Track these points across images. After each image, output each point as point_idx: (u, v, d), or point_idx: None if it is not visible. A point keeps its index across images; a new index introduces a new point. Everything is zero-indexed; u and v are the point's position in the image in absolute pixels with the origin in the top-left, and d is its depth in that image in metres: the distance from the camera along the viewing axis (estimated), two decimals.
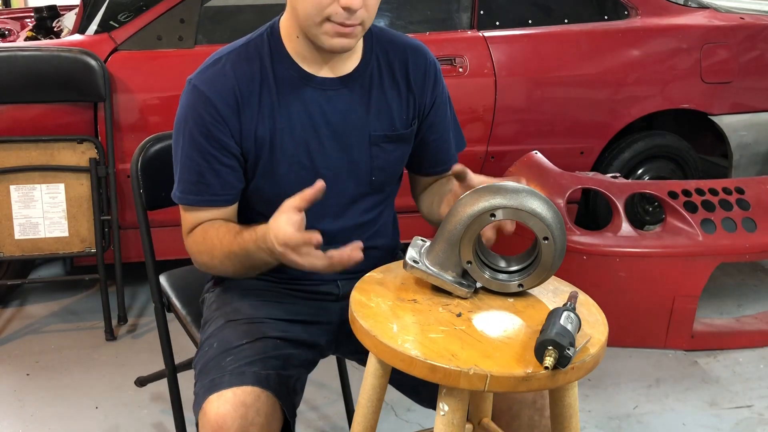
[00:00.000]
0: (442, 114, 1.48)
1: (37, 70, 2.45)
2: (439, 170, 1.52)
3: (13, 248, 2.54)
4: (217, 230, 1.34)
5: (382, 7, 2.95)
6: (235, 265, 1.32)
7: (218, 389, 1.21)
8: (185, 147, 1.33)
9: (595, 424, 2.17)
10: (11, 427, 2.12)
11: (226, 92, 1.31)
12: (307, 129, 1.35)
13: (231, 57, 1.35)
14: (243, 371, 1.24)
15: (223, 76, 1.32)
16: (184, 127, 1.33)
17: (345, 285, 1.46)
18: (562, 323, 1.03)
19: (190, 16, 2.59)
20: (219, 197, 1.35)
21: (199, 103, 1.31)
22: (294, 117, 1.35)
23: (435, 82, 1.44)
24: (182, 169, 1.35)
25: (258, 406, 1.20)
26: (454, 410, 1.06)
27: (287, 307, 1.43)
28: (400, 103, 1.41)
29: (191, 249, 1.39)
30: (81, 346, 2.54)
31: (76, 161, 2.54)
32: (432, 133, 1.47)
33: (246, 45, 1.36)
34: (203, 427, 1.19)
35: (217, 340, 1.34)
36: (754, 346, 2.58)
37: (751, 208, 2.57)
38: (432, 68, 1.44)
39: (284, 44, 1.35)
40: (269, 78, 1.34)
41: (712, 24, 3.06)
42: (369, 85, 1.38)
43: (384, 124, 1.40)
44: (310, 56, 1.34)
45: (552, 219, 1.14)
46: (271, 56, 1.35)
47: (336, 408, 2.19)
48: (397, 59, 1.41)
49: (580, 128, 2.95)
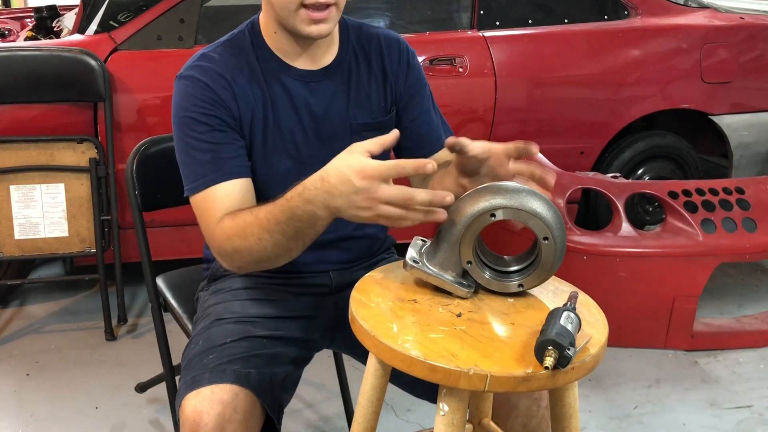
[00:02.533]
0: (419, 96, 1.48)
1: (37, 70, 2.45)
2: (426, 152, 1.47)
3: (13, 248, 2.54)
4: (247, 210, 1.23)
5: (382, 7, 2.99)
6: (276, 237, 1.17)
7: (197, 386, 1.22)
8: (191, 133, 1.30)
9: (595, 424, 2.17)
10: (11, 427, 2.12)
11: (221, 78, 1.32)
12: (292, 120, 1.37)
13: (217, 50, 1.36)
14: (223, 369, 1.24)
15: (214, 65, 1.33)
16: (185, 115, 1.31)
17: (337, 276, 1.47)
18: (562, 323, 1.02)
19: (190, 16, 2.59)
20: (238, 168, 1.31)
21: (197, 90, 1.30)
22: (280, 108, 1.36)
23: (409, 67, 1.46)
24: (192, 154, 1.30)
25: (236, 403, 1.20)
26: (454, 410, 1.06)
27: (280, 304, 1.43)
28: (378, 91, 1.43)
29: (219, 240, 1.25)
30: (81, 346, 2.54)
31: (76, 161, 2.53)
32: (410, 115, 1.47)
33: (230, 41, 1.38)
34: (182, 423, 1.20)
35: (203, 338, 1.35)
36: (755, 346, 2.58)
37: (751, 208, 2.57)
38: (405, 54, 1.46)
39: (265, 40, 1.37)
40: (256, 71, 1.35)
41: (712, 24, 3.06)
42: (348, 75, 1.41)
43: (364, 113, 1.42)
44: (290, 49, 1.36)
45: (552, 219, 1.14)
46: (254, 51, 1.36)
47: (335, 408, 2.19)
48: (372, 48, 1.43)
49: (580, 128, 2.95)
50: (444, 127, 1.53)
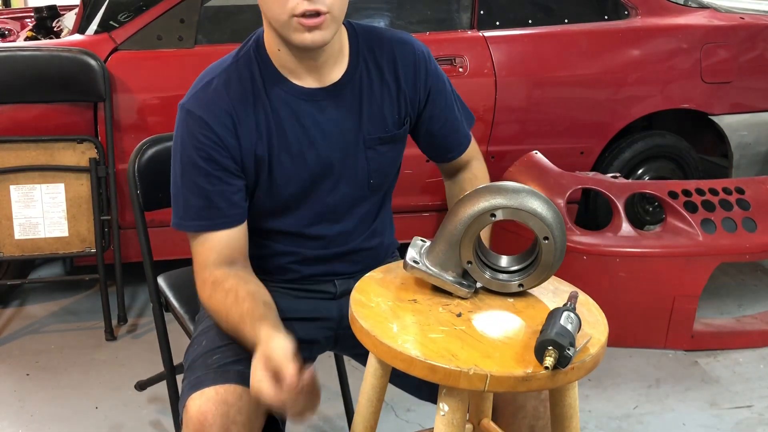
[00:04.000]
0: (441, 102, 1.45)
1: (37, 70, 2.45)
2: (455, 155, 1.50)
3: (13, 248, 2.54)
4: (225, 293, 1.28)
5: (382, 7, 2.99)
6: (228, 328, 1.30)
7: (201, 387, 1.22)
8: (188, 173, 1.30)
9: (595, 424, 2.17)
10: (11, 427, 2.12)
11: (222, 114, 1.28)
12: (303, 143, 1.33)
13: (222, 77, 1.31)
14: (227, 369, 1.24)
15: (217, 98, 1.29)
16: (183, 154, 1.30)
17: (342, 284, 1.47)
18: (562, 323, 1.03)
19: (190, 16, 2.59)
20: (230, 218, 1.32)
21: (196, 128, 1.28)
22: (290, 133, 1.33)
23: (426, 74, 1.41)
24: (188, 195, 1.31)
25: (240, 404, 1.20)
26: (454, 410, 1.06)
27: (282, 305, 1.42)
28: (392, 104, 1.39)
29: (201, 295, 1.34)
30: (81, 346, 2.54)
31: (76, 161, 2.53)
32: (436, 123, 1.45)
33: (236, 63, 1.33)
34: (186, 424, 1.20)
35: (206, 339, 1.35)
36: (754, 346, 2.58)
37: (751, 208, 2.57)
38: (421, 60, 1.40)
39: (270, 59, 1.32)
40: (262, 96, 1.31)
41: (712, 24, 3.06)
42: (359, 90, 1.36)
43: (377, 127, 1.38)
44: (296, 67, 1.31)
45: (552, 219, 1.14)
46: (261, 73, 1.32)
47: (336, 408, 2.18)
48: (384, 58, 1.38)
49: (580, 128, 2.94)
50: (464, 114, 1.50)
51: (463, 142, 1.50)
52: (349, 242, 1.44)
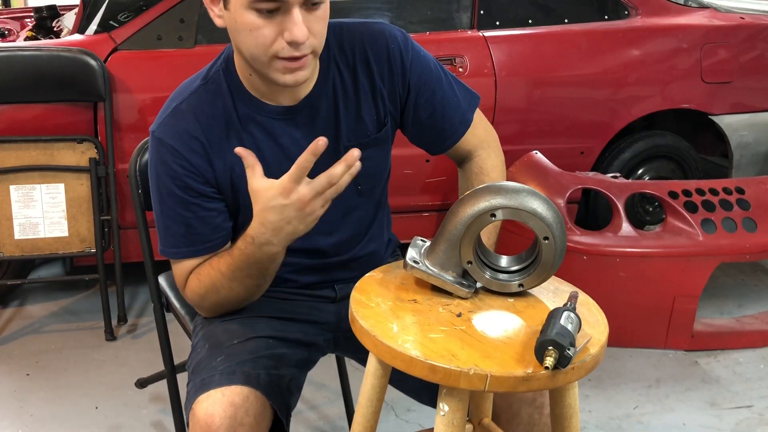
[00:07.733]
0: (427, 90, 1.37)
1: (37, 70, 2.45)
2: (450, 143, 1.42)
3: (13, 248, 2.54)
4: (208, 265, 1.30)
5: (382, 7, 2.99)
6: (245, 282, 1.28)
7: (207, 389, 1.21)
8: (166, 202, 1.30)
9: (595, 424, 2.17)
10: (11, 427, 2.12)
11: (192, 141, 1.27)
12: (282, 161, 1.29)
13: (191, 101, 1.29)
14: (233, 371, 1.23)
15: (186, 124, 1.27)
16: (159, 183, 1.29)
17: (341, 289, 1.46)
18: (563, 323, 1.02)
19: (190, 16, 2.59)
20: (212, 243, 1.32)
21: (168, 157, 1.27)
22: (267, 153, 1.30)
23: (402, 65, 1.34)
24: (168, 223, 1.31)
25: (247, 406, 1.19)
26: (454, 410, 1.06)
27: (282, 306, 1.42)
28: (369, 106, 1.34)
29: (193, 299, 1.35)
30: (81, 346, 2.54)
31: (76, 161, 2.53)
32: (423, 113, 1.38)
33: (204, 86, 1.30)
34: (193, 427, 1.19)
35: (209, 340, 1.34)
36: (755, 346, 2.58)
37: (752, 208, 2.57)
38: (395, 51, 1.33)
39: (241, 81, 1.29)
40: (233, 119, 1.29)
41: (712, 24, 3.06)
42: (334, 98, 1.32)
43: (356, 133, 1.34)
44: (268, 90, 1.28)
45: (552, 219, 1.14)
46: (231, 95, 1.29)
47: (336, 408, 2.19)
48: (357, 57, 1.32)
49: (580, 128, 2.94)
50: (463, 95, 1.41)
51: (458, 128, 1.41)
52: (347, 251, 1.43)
